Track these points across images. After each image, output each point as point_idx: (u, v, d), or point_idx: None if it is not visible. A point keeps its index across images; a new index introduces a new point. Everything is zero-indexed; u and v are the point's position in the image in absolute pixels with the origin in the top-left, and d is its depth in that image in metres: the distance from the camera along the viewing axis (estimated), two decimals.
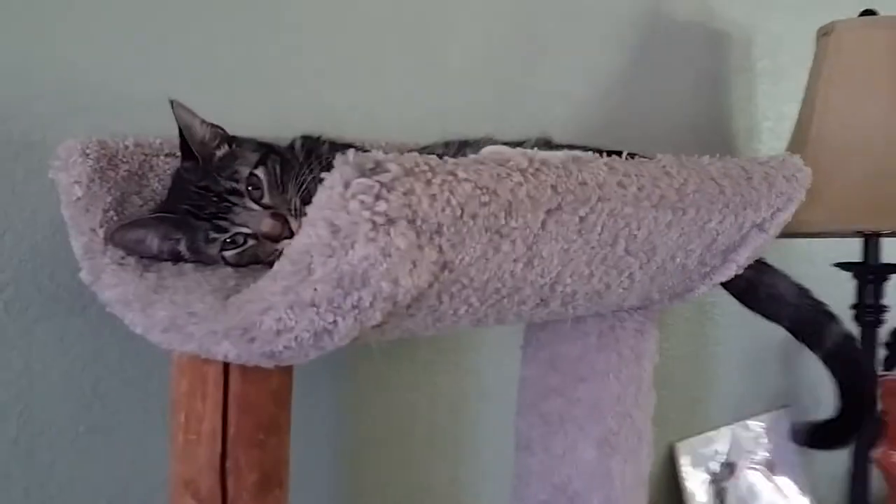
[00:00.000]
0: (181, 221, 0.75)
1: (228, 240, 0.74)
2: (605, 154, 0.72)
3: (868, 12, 1.37)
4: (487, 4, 1.23)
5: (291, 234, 0.74)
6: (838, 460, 1.52)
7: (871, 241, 1.38)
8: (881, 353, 1.52)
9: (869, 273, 1.38)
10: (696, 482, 1.42)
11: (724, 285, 0.99)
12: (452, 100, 1.18)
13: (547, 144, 0.85)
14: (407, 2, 1.15)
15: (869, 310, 1.38)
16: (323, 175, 0.56)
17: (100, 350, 0.92)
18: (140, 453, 0.95)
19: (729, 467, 1.48)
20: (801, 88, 1.41)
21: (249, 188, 0.75)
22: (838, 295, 1.37)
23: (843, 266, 1.40)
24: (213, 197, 0.74)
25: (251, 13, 1.02)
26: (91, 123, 0.88)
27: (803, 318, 1.06)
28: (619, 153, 0.77)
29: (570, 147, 0.81)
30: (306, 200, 0.75)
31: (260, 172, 0.75)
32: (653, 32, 1.44)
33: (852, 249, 1.41)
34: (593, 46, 1.37)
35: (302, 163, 0.78)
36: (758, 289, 1.05)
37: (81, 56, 0.90)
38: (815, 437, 1.17)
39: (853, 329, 1.35)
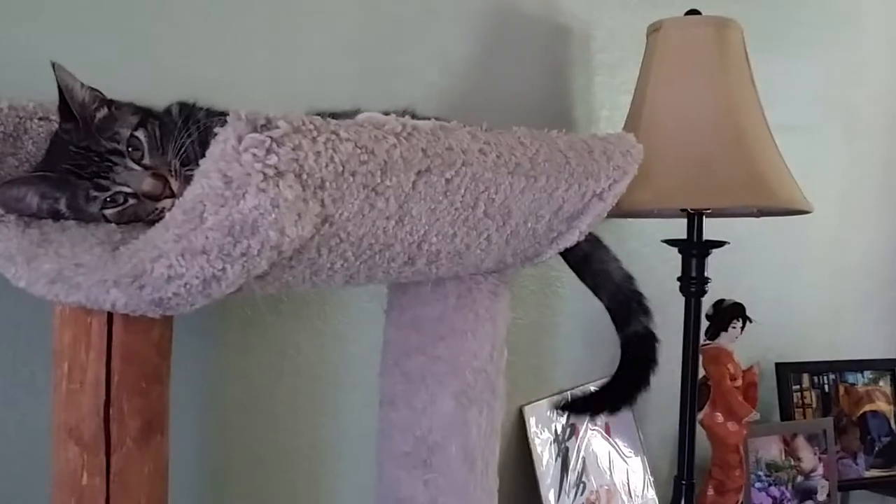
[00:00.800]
0: (61, 181, 0.77)
1: (109, 198, 0.77)
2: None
3: (692, 12, 1.50)
4: None
5: (172, 194, 0.77)
6: (668, 422, 1.65)
7: (694, 219, 1.52)
8: (704, 322, 1.67)
9: (692, 249, 1.50)
10: (542, 442, 1.52)
11: (564, 255, 1.09)
12: (316, 78, 1.23)
13: (412, 116, 0.91)
14: None
15: (693, 282, 1.51)
16: (216, 130, 0.61)
17: None
18: (21, 407, 0.96)
19: (571, 428, 1.59)
20: (634, 80, 1.53)
21: (130, 149, 0.77)
22: (666, 269, 1.51)
23: (670, 242, 1.53)
24: (94, 157, 0.76)
25: None
26: None
27: (620, 300, 1.14)
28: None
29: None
30: (185, 163, 0.79)
31: (140, 134, 0.78)
32: (502, 24, 1.53)
33: (679, 228, 1.54)
34: (449, 34, 1.44)
35: (180, 127, 0.81)
36: (591, 262, 1.14)
37: None
38: (593, 404, 1.23)
39: (679, 299, 1.49)
